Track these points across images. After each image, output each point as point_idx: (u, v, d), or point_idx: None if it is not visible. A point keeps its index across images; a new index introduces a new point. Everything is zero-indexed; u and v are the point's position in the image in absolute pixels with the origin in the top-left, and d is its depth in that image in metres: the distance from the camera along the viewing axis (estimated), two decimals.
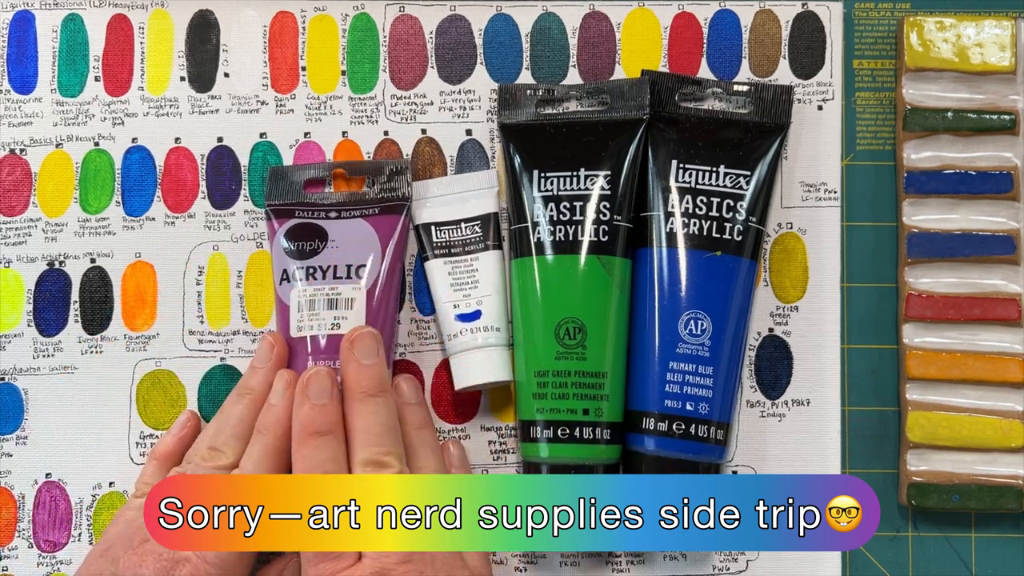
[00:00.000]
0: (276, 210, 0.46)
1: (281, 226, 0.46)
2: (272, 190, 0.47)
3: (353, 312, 0.44)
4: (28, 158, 0.48)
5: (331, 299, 0.44)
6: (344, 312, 0.44)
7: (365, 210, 0.46)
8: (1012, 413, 0.46)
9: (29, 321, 0.48)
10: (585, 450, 0.44)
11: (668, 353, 0.44)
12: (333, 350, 0.43)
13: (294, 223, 0.46)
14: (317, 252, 0.45)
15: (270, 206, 0.47)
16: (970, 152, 0.47)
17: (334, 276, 0.44)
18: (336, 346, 0.43)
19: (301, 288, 0.44)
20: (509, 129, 0.47)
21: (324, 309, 0.44)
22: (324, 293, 0.44)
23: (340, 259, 0.45)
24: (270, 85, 0.49)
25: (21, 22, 0.49)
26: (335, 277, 0.44)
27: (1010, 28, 0.47)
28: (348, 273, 0.44)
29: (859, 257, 0.48)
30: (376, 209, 0.46)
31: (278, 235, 0.46)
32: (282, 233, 0.45)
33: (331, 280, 0.44)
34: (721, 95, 0.47)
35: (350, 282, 0.44)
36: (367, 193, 0.47)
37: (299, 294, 0.44)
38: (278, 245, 0.45)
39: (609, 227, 0.45)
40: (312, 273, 0.45)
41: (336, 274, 0.45)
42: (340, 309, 0.44)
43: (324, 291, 0.44)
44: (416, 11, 0.49)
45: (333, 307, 0.44)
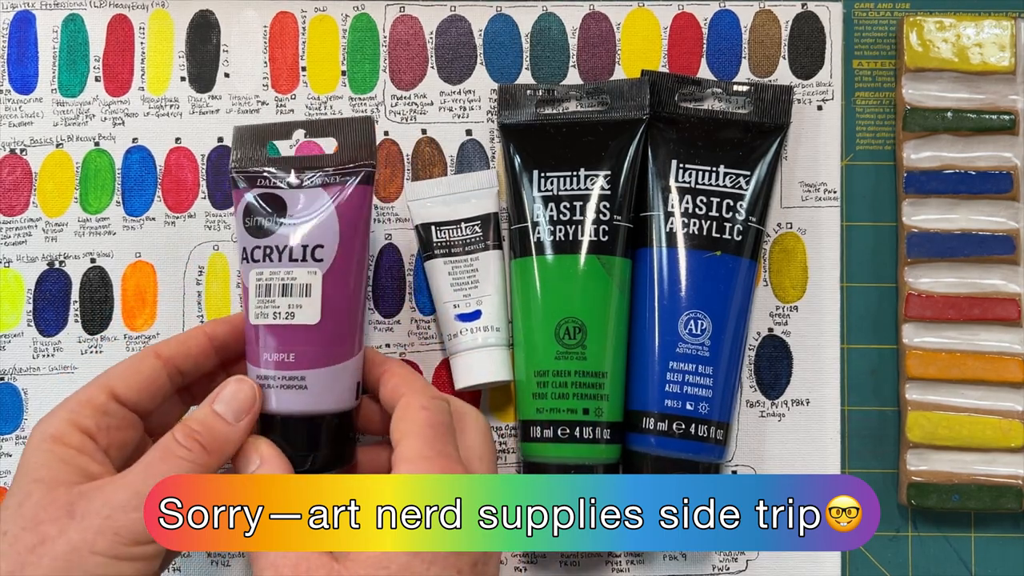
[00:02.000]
0: (244, 176, 0.41)
1: (245, 195, 0.41)
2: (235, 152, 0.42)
3: (310, 300, 0.39)
4: (28, 158, 0.48)
5: (286, 284, 0.39)
6: (299, 300, 0.39)
7: (326, 176, 0.41)
8: (1012, 413, 0.46)
9: (29, 321, 0.48)
10: (585, 450, 0.44)
11: (668, 353, 0.44)
12: (286, 343, 0.39)
13: (253, 195, 0.41)
14: (274, 230, 0.40)
15: (237, 172, 0.41)
16: (970, 152, 0.47)
17: (290, 258, 0.40)
18: (289, 339, 0.39)
19: (258, 270, 0.40)
20: (509, 129, 0.47)
21: (279, 295, 0.39)
22: (279, 277, 0.39)
23: (296, 238, 0.40)
24: (270, 85, 0.49)
25: (21, 22, 0.49)
26: (291, 259, 0.40)
27: (1010, 28, 0.47)
28: (304, 255, 0.40)
29: (859, 257, 0.49)
30: (337, 176, 0.41)
31: (240, 207, 0.41)
32: (241, 207, 0.41)
33: (286, 263, 0.40)
34: (721, 95, 0.47)
35: (305, 265, 0.40)
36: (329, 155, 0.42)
37: (256, 276, 0.40)
38: (239, 219, 0.41)
39: (609, 227, 0.45)
40: (268, 254, 0.40)
41: (292, 256, 0.40)
42: (294, 296, 0.39)
43: (279, 275, 0.39)
44: (416, 11, 0.49)
45: (287, 294, 0.39)
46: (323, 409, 0.40)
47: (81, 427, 0.37)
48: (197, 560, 0.47)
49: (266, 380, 0.40)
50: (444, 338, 0.46)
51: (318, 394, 0.40)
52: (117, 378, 0.39)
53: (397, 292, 0.48)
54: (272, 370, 0.40)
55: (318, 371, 0.40)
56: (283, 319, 0.39)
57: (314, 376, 0.40)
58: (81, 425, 0.37)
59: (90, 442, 0.37)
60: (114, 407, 0.38)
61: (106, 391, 0.38)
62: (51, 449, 0.36)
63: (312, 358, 0.40)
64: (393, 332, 0.48)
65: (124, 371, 0.39)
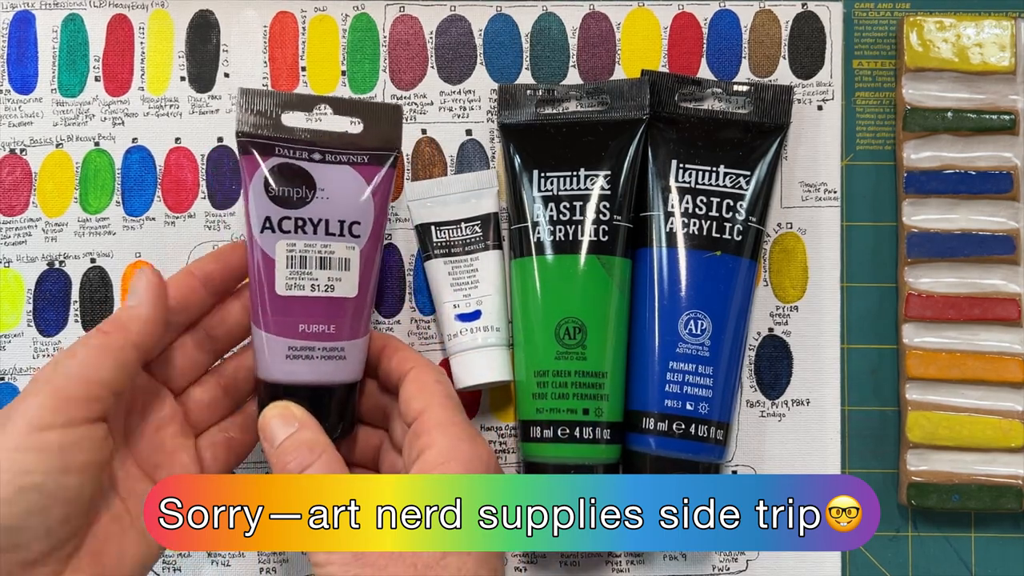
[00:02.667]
0: (255, 143, 0.41)
1: (263, 163, 0.41)
2: (246, 116, 0.41)
3: (348, 274, 0.41)
4: (28, 158, 0.48)
5: (324, 258, 0.41)
6: (339, 273, 0.41)
7: (353, 156, 0.42)
8: (1012, 413, 0.46)
9: (29, 321, 0.48)
10: (585, 450, 0.44)
11: (668, 353, 0.44)
12: (325, 314, 0.41)
13: (277, 163, 0.41)
14: (306, 201, 0.41)
15: (246, 137, 0.41)
16: (970, 152, 0.47)
17: (326, 232, 0.41)
18: (331, 312, 0.41)
19: (290, 241, 0.40)
20: (509, 129, 0.47)
21: (316, 268, 0.40)
22: (316, 250, 0.40)
23: (332, 212, 0.41)
24: (270, 85, 0.49)
25: (21, 22, 0.49)
26: (327, 233, 0.41)
27: (1010, 28, 0.47)
28: (341, 230, 0.41)
29: (859, 257, 0.49)
30: (366, 157, 0.42)
31: (258, 175, 0.41)
32: (265, 174, 0.41)
33: (323, 236, 0.41)
34: (721, 95, 0.47)
35: (343, 240, 0.41)
36: (354, 135, 0.42)
37: (287, 247, 0.40)
38: (258, 187, 0.41)
39: (609, 227, 0.45)
40: (301, 225, 0.41)
41: (328, 229, 0.41)
42: (333, 269, 0.41)
43: (316, 247, 0.40)
44: (416, 11, 0.49)
45: (326, 267, 0.41)
46: (352, 379, 0.42)
47: None
48: (197, 560, 0.47)
49: (304, 352, 0.40)
50: (444, 338, 0.46)
51: (352, 364, 0.42)
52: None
53: (397, 292, 0.48)
54: (313, 341, 0.40)
55: (355, 342, 0.41)
56: (323, 291, 0.41)
57: (351, 347, 0.41)
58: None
59: None
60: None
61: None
62: None
63: (351, 330, 0.41)
64: (393, 332, 0.48)
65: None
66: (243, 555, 0.47)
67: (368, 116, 0.43)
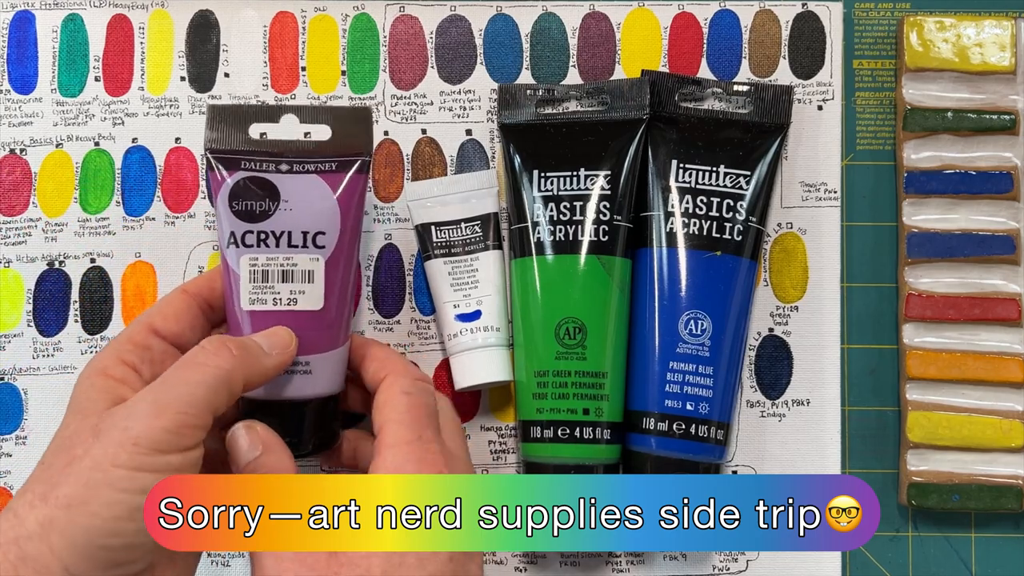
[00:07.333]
0: (221, 159, 0.41)
1: (228, 177, 0.41)
2: (212, 133, 0.41)
3: (312, 286, 0.40)
4: (28, 158, 0.48)
5: (286, 271, 0.40)
6: (302, 286, 0.40)
7: (320, 164, 0.41)
8: (1012, 413, 0.46)
9: (29, 321, 0.48)
10: (585, 450, 0.44)
11: (668, 353, 0.44)
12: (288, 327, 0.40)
13: (240, 178, 0.40)
14: (269, 214, 0.40)
15: (212, 153, 0.41)
16: (970, 152, 0.47)
17: (289, 244, 0.40)
18: (293, 325, 0.40)
19: (253, 256, 0.40)
20: (509, 129, 0.47)
21: (279, 282, 0.40)
22: (278, 263, 0.40)
23: (295, 224, 0.40)
24: (270, 85, 0.49)
25: (21, 22, 0.49)
26: (290, 245, 0.40)
27: (1010, 28, 0.47)
28: (304, 241, 0.40)
29: (859, 257, 0.49)
30: (334, 164, 0.41)
31: (224, 189, 0.40)
32: (228, 190, 0.40)
33: (285, 249, 0.40)
34: (721, 95, 0.47)
35: (306, 252, 0.40)
36: (322, 143, 0.42)
37: (251, 262, 0.40)
38: (224, 202, 0.40)
39: (609, 227, 0.45)
40: (264, 239, 0.40)
41: (291, 241, 0.40)
42: (296, 282, 0.40)
43: (278, 260, 0.40)
44: (416, 11, 0.49)
45: (288, 279, 0.40)
46: (325, 392, 0.41)
47: (125, 360, 0.38)
48: None
49: None
50: (444, 338, 0.46)
51: (321, 378, 0.41)
52: (154, 315, 0.40)
53: (397, 292, 0.48)
54: None
55: (322, 356, 0.41)
56: (285, 305, 0.40)
57: (320, 361, 0.41)
58: (125, 359, 0.38)
59: (132, 373, 0.38)
60: (154, 340, 0.39)
61: (146, 327, 0.39)
62: (94, 382, 0.37)
63: (316, 343, 0.41)
64: (393, 332, 0.48)
65: (159, 307, 0.41)
66: (243, 555, 0.47)
67: (335, 121, 0.42)
